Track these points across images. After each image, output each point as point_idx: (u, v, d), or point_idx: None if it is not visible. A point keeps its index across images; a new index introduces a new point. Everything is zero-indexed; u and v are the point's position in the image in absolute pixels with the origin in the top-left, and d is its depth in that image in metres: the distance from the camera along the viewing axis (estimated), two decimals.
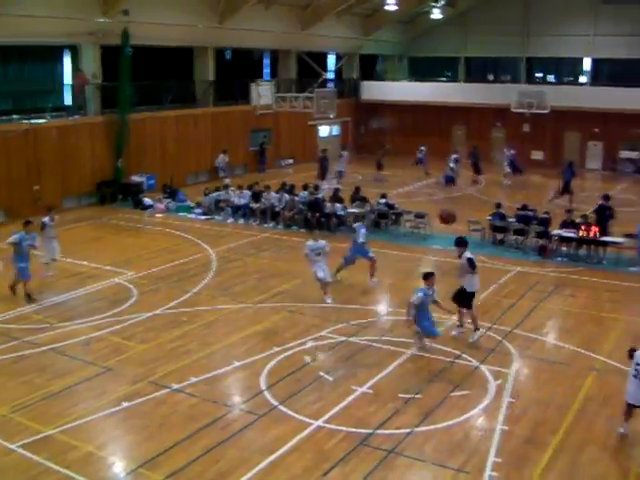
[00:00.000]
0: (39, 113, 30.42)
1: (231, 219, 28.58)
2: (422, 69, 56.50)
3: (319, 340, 16.03)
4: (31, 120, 29.61)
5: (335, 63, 52.92)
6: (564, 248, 24.11)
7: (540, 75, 54.19)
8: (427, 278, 15.29)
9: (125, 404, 12.78)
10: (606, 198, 25.72)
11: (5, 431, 11.80)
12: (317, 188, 28.73)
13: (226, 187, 29.86)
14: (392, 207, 27.59)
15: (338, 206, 27.08)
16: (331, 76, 52.31)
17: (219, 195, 29.71)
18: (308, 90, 37.70)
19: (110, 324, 16.89)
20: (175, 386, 13.53)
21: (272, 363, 14.67)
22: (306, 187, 28.74)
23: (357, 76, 53.31)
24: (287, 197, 28.21)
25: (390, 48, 55.52)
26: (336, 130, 49.35)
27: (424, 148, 41.55)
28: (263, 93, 35.54)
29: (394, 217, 27.43)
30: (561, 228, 24.29)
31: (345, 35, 49.14)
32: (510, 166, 38.82)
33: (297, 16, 43.97)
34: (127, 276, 20.79)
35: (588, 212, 25.24)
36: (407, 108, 49.65)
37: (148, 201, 30.87)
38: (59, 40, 31.26)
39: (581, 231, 23.49)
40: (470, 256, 16.27)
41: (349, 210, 27.07)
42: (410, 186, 37.68)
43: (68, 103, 32.78)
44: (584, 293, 20.48)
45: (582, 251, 23.97)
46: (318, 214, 27.06)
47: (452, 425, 12.27)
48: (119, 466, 11.01)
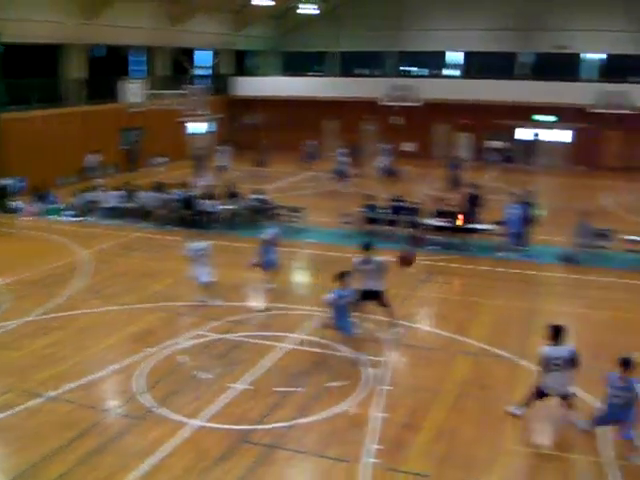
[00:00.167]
0: None
1: (103, 220, 27.99)
2: (295, 64, 56.76)
3: (195, 339, 15.91)
4: None
5: (212, 59, 52.55)
6: (436, 237, 24.72)
7: (411, 69, 55.33)
8: (341, 278, 14.72)
9: None
10: (474, 187, 26.50)
11: None
12: (190, 186, 28.50)
13: (98, 187, 29.26)
14: (266, 202, 27.63)
15: (211, 203, 26.88)
16: (206, 72, 51.91)
17: (90, 196, 29.07)
18: (181, 87, 37.38)
19: None
20: (51, 393, 13.12)
21: (148, 364, 14.44)
22: (179, 185, 28.44)
23: (231, 72, 53.06)
24: (160, 196, 27.84)
25: (263, 43, 55.50)
26: (210, 127, 48.97)
27: (313, 143, 41.84)
28: (134, 91, 34.96)
29: (268, 212, 27.49)
30: (433, 217, 24.90)
31: (217, 31, 48.84)
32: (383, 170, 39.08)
33: (169, 12, 43.28)
34: None
35: (458, 201, 25.93)
36: (281, 103, 49.74)
37: (17, 204, 29.83)
38: None
39: (456, 220, 24.18)
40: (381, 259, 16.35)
41: (222, 207, 26.96)
42: (284, 180, 37.83)
43: None
44: (456, 280, 21.09)
45: (453, 239, 24.68)
46: (192, 212, 26.86)
47: (331, 416, 12.40)
48: None
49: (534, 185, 33.58)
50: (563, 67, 48.54)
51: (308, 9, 46.87)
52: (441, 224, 24.61)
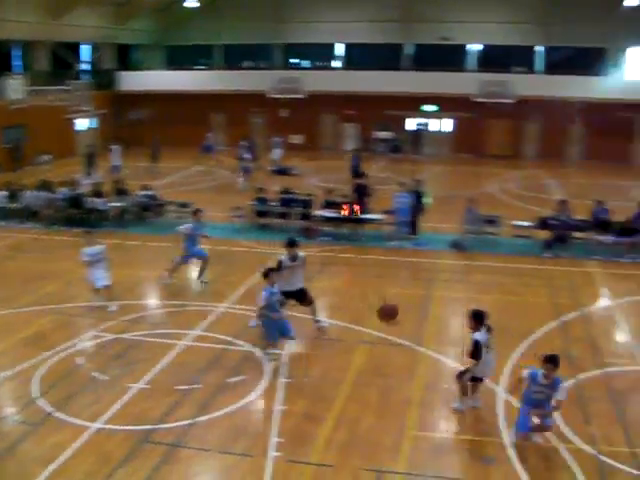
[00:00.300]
0: None
1: None
2: (181, 57, 56.08)
3: (91, 340, 15.61)
4: None
5: (91, 54, 51.38)
6: (327, 228, 24.95)
7: (296, 61, 55.50)
8: (267, 276, 14.24)
9: None
10: (362, 176, 26.84)
11: None
12: (77, 184, 27.89)
13: None
14: (154, 198, 27.31)
15: (99, 201, 26.37)
16: (87, 67, 50.75)
17: None
18: (64, 83, 36.44)
19: None
20: None
21: (45, 368, 14.06)
22: (66, 183, 27.77)
23: (114, 67, 52.04)
24: (46, 195, 27.07)
25: (146, 37, 54.56)
26: (94, 123, 47.94)
27: (211, 135, 41.52)
28: (14, 87, 33.97)
29: (157, 208, 27.18)
30: (323, 208, 25.13)
31: (99, 24, 47.66)
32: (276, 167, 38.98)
33: (48, 6, 41.96)
34: None
35: (347, 191, 26.20)
36: (167, 97, 49.03)
37: None
38: None
39: (342, 210, 24.48)
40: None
41: (110, 204, 26.47)
42: (176, 175, 37.42)
43: None
44: (349, 270, 21.33)
45: (344, 229, 24.97)
46: (79, 210, 26.27)
47: (232, 411, 12.40)
48: None
49: (422, 174, 34.21)
50: (447, 58, 49.62)
51: (190, 2, 46.43)
52: (331, 215, 24.87)
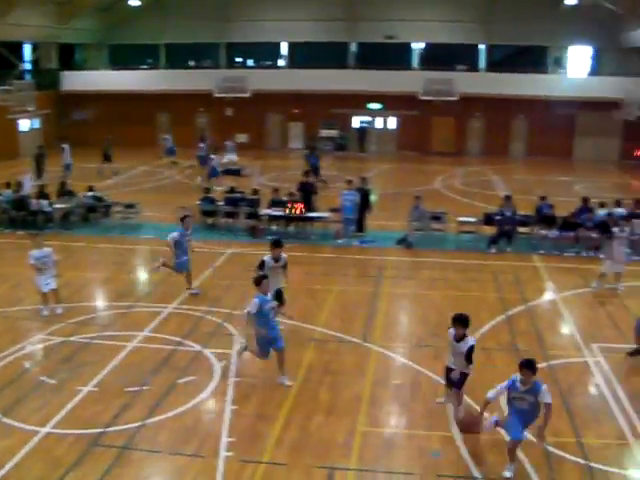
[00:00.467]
0: None
1: None
2: (124, 57, 55.29)
3: (39, 343, 15.41)
4: None
5: (32, 53, 50.56)
6: (274, 227, 24.98)
7: (241, 60, 55.30)
8: (259, 283, 13.51)
9: None
10: (307, 174, 26.92)
11: None
12: (21, 185, 27.50)
13: None
14: (100, 199, 27.08)
15: (44, 202, 26.04)
16: (30, 67, 49.97)
17: None
18: (7, 83, 35.82)
19: None
20: None
21: None
22: (9, 185, 27.35)
23: (57, 66, 51.30)
24: None
25: (90, 36, 53.61)
26: (36, 123, 47.20)
27: (168, 137, 41.17)
28: None
29: (103, 209, 26.95)
30: (269, 207, 25.17)
31: (41, 24, 46.69)
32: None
33: None
34: None
35: (293, 190, 26.23)
36: (111, 97, 48.41)
37: None
38: None
39: (288, 209, 24.54)
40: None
41: (55, 206, 26.16)
42: (126, 176, 37.06)
43: None
44: (297, 268, 21.24)
45: (291, 228, 25.06)
46: (24, 212, 25.92)
47: (183, 412, 12.36)
48: None
49: (368, 172, 34.45)
50: (392, 56, 49.83)
51: (133, 1, 46.01)
52: (278, 214, 24.92)
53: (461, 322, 11.86)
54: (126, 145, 42.93)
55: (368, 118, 49.24)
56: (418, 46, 50.61)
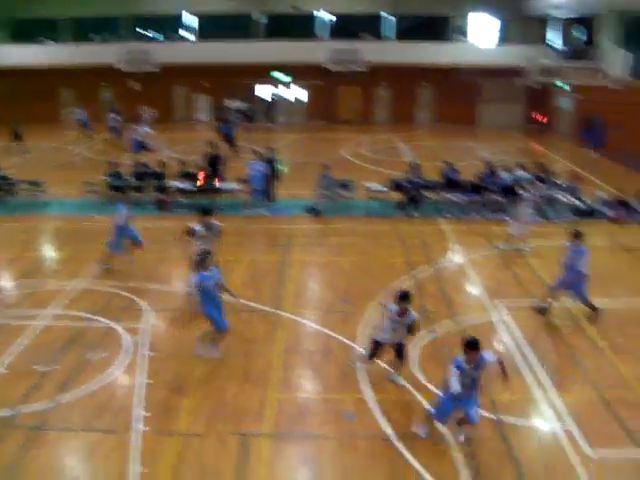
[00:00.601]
0: None
1: None
2: (25, 31, 53.35)
3: None
4: None
5: None
6: (182, 199, 24.76)
7: (146, 33, 54.17)
8: (203, 261, 13.07)
9: None
10: (213, 146, 26.69)
11: None
12: None
13: None
14: (5, 178, 26.39)
15: None
16: None
17: None
18: None
19: None
20: None
21: None
22: None
23: None
24: None
25: None
26: None
27: (115, 116, 39.96)
28: None
29: (7, 187, 26.25)
30: (177, 180, 24.94)
31: None
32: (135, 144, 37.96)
33: None
34: None
35: (200, 162, 26.00)
36: (12, 73, 46.40)
37: None
38: None
39: (197, 181, 24.38)
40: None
41: None
42: (35, 153, 36.11)
43: None
44: None
45: (200, 200, 24.89)
46: None
47: (95, 389, 12.25)
48: None
49: (276, 142, 34.42)
50: (299, 27, 49.47)
51: None
52: (186, 186, 24.72)
53: (405, 298, 11.75)
54: (30, 122, 41.67)
55: (276, 89, 49.12)
56: (325, 16, 50.46)
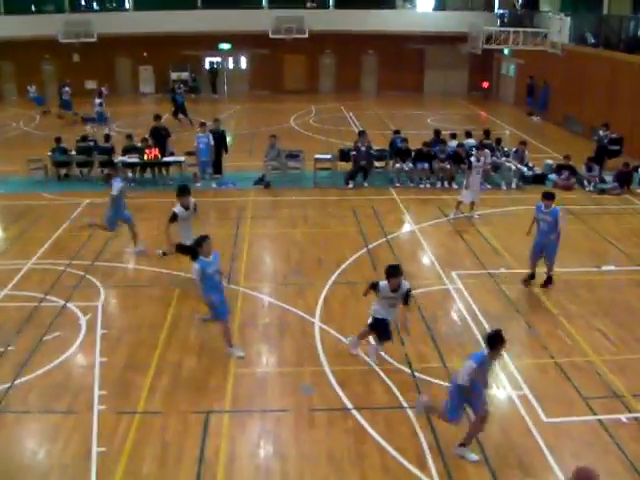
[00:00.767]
0: None
1: None
2: None
3: None
4: None
5: None
6: (130, 174, 24.45)
7: (84, 3, 53.05)
8: (200, 245, 12.22)
9: None
10: (158, 119, 26.38)
11: None
12: None
13: None
14: None
15: None
16: None
17: None
18: None
19: None
20: None
21: None
22: None
23: None
24: None
25: None
26: None
27: (69, 89, 39.04)
28: None
29: None
30: (123, 154, 24.64)
31: None
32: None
33: None
34: None
35: (146, 135, 25.70)
36: None
37: None
38: None
39: (145, 155, 24.09)
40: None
41: None
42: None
43: None
44: (157, 215, 20.76)
45: (147, 174, 24.74)
46: None
47: (51, 369, 12.15)
48: None
49: (221, 113, 34.18)
50: None
51: None
52: (133, 161, 24.42)
53: (395, 274, 11.51)
54: None
55: (219, 59, 48.72)
56: None
